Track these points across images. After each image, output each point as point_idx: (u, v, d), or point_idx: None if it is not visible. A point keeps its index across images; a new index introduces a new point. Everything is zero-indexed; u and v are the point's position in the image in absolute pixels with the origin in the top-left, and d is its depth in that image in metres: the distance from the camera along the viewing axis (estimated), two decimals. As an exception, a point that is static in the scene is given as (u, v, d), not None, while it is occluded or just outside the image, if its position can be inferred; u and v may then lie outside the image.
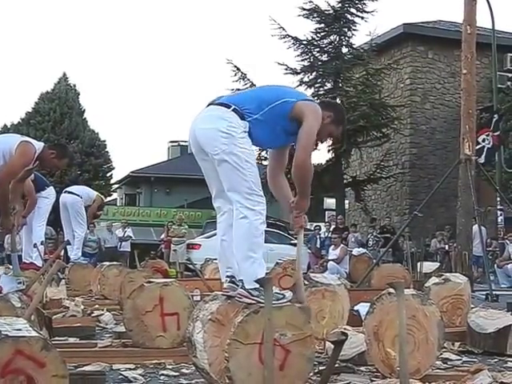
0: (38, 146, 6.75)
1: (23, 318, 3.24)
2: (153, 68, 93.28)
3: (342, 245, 15.72)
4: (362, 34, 57.96)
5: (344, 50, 23.95)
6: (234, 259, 3.80)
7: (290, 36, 23.46)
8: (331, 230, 19.64)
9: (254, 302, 3.51)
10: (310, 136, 3.88)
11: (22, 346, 2.50)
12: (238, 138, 3.73)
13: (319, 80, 23.68)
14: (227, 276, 3.86)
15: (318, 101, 4.38)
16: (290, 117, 3.89)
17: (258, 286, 3.54)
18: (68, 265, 10.29)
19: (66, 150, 7.39)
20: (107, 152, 34.22)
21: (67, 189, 11.44)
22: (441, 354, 4.48)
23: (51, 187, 9.63)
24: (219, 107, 3.87)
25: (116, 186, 39.56)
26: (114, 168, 34.75)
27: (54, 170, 8.22)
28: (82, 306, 6.84)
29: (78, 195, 11.06)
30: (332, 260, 15.15)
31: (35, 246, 8.98)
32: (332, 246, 15.88)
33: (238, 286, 3.70)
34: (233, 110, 3.80)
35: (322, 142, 4.22)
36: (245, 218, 3.66)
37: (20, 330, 2.64)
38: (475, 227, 14.11)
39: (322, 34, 23.75)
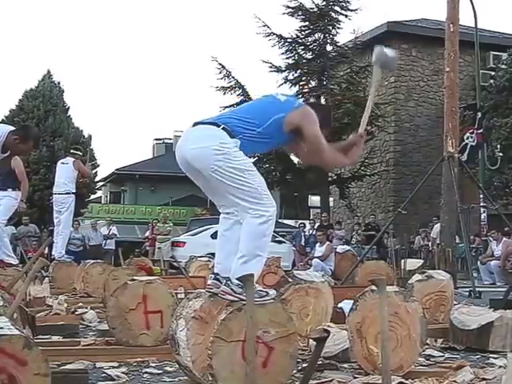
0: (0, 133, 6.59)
1: (5, 316, 3.23)
2: (138, 65, 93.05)
3: (327, 242, 15.73)
4: (346, 32, 57.81)
5: (328, 47, 24.02)
6: (228, 256, 3.80)
7: (274, 34, 23.50)
8: (316, 227, 19.67)
9: (237, 299, 3.51)
10: (317, 142, 3.89)
11: (3, 344, 2.48)
12: (232, 153, 3.70)
13: (304, 78, 23.75)
14: (212, 273, 3.86)
15: (304, 99, 4.36)
16: (285, 131, 3.90)
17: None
18: (52, 263, 10.25)
19: (29, 132, 6.99)
20: (92, 149, 34.04)
21: (56, 190, 11.20)
22: (423, 350, 4.52)
23: (19, 192, 9.31)
24: (208, 126, 3.83)
25: (101, 183, 39.38)
26: (98, 165, 34.55)
27: (22, 154, 7.84)
28: (66, 304, 6.81)
29: (68, 193, 10.97)
30: (317, 257, 15.16)
31: (12, 242, 8.92)
32: (318, 244, 15.89)
33: (221, 283, 3.69)
34: (222, 129, 3.78)
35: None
36: (255, 221, 3.67)
37: (1, 328, 2.62)
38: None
39: (307, 31, 23.80)
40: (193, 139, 3.83)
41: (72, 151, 11.76)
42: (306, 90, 23.72)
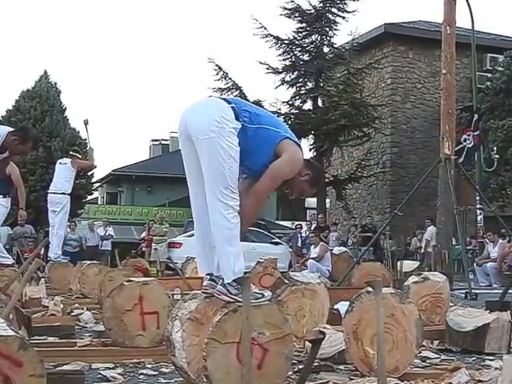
0: None
1: (1, 317, 3.22)
2: (135, 66, 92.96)
3: (321, 243, 15.72)
4: (343, 34, 58.14)
5: (325, 49, 24.02)
6: (208, 257, 3.80)
7: (271, 35, 23.49)
8: (312, 228, 19.67)
9: (232, 300, 3.51)
10: (276, 175, 3.85)
11: (-2, 345, 2.48)
12: (228, 132, 3.69)
13: (301, 79, 23.74)
14: (207, 274, 3.85)
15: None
16: (274, 148, 3.84)
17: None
18: (48, 263, 10.24)
19: (28, 133, 6.83)
20: (91, 149, 33.94)
21: (52, 189, 11.21)
22: (419, 352, 4.51)
23: (9, 198, 9.26)
24: (221, 100, 3.89)
25: (97, 184, 39.36)
26: (95, 166, 34.54)
27: (21, 155, 7.85)
28: (62, 305, 6.80)
29: (63, 193, 10.96)
30: (312, 258, 15.15)
31: (8, 243, 8.91)
32: (313, 245, 15.89)
33: (217, 283, 3.69)
34: (231, 108, 3.80)
35: (291, 195, 4.18)
36: (217, 212, 3.65)
37: (-3, 329, 2.62)
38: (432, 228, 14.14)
39: (304, 33, 23.80)
40: (202, 106, 3.89)
41: (71, 153, 11.83)
42: (302, 92, 23.72)
